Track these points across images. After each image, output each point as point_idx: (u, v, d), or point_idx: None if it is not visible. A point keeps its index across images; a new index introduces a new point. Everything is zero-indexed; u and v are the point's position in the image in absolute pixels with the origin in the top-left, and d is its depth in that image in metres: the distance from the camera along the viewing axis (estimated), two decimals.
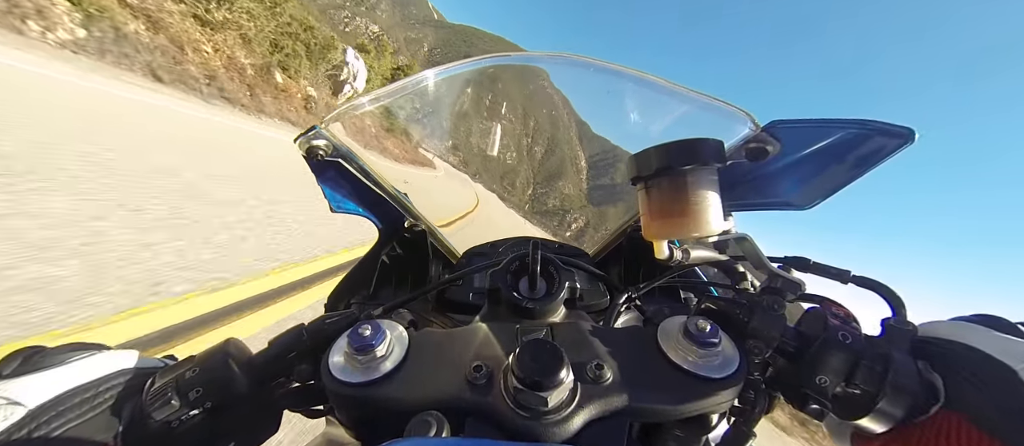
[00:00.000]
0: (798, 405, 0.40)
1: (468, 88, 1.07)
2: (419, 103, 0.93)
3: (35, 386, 0.33)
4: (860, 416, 0.38)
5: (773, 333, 0.42)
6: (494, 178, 30.76)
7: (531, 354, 0.33)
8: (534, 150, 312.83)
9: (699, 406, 0.35)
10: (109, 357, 0.38)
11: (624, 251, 0.96)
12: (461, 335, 0.42)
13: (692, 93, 0.64)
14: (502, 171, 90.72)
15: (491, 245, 1.06)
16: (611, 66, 0.70)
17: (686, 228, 0.43)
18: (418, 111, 1.08)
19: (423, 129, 1.55)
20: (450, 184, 9.16)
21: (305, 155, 0.68)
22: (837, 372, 0.38)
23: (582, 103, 1.15)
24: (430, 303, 0.89)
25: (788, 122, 0.54)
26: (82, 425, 0.32)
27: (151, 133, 5.03)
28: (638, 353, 0.39)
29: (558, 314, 0.48)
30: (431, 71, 0.72)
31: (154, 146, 4.45)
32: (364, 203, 0.88)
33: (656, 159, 0.42)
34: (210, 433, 0.36)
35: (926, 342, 0.39)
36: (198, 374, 0.37)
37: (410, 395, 0.35)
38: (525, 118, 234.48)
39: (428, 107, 1.04)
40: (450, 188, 8.67)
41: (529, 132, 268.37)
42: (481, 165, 11.76)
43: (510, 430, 0.31)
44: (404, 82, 0.70)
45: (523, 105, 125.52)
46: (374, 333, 0.37)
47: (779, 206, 0.64)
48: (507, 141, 71.70)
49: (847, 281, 0.48)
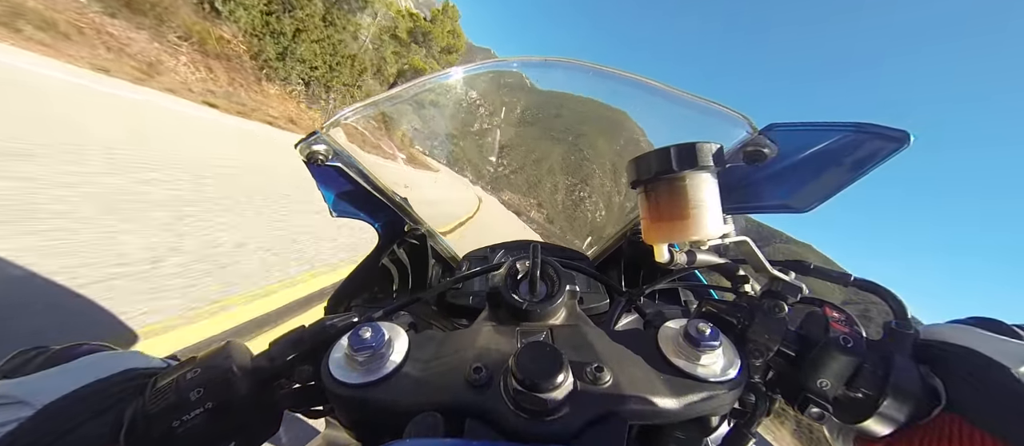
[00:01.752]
0: (799, 408, 0.40)
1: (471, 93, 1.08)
2: (425, 107, 0.94)
3: (40, 386, 0.33)
4: (862, 419, 0.38)
5: (774, 336, 0.42)
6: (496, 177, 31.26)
7: (531, 356, 0.33)
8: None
9: (699, 409, 0.35)
10: (113, 357, 0.39)
11: (624, 254, 0.97)
12: (461, 337, 0.42)
13: (690, 97, 0.65)
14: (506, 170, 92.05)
15: (491, 248, 1.06)
16: (611, 71, 0.70)
17: (686, 231, 0.44)
18: (426, 114, 1.09)
19: (427, 132, 1.55)
20: (452, 184, 9.21)
21: (305, 160, 0.68)
22: (838, 375, 0.38)
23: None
24: (430, 306, 0.89)
25: (785, 125, 0.55)
26: (87, 425, 0.32)
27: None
28: (638, 355, 0.39)
29: (558, 317, 0.48)
30: (429, 77, 0.72)
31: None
32: (364, 207, 0.89)
33: (655, 163, 0.43)
34: (211, 433, 0.36)
35: (927, 345, 0.39)
36: (199, 375, 0.37)
37: (410, 396, 0.35)
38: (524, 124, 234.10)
39: (435, 112, 1.05)
40: (452, 187, 8.73)
41: None
42: (478, 167, 11.75)
43: (509, 431, 0.31)
44: (400, 90, 0.71)
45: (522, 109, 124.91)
46: (374, 335, 0.38)
47: (777, 209, 0.64)
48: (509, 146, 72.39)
49: (848, 284, 0.48)
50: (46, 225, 2.31)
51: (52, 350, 0.38)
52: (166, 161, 3.99)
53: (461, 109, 1.54)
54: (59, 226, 2.35)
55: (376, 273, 0.94)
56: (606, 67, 0.69)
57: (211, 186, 4.01)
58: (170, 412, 0.34)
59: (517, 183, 65.35)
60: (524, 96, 1.82)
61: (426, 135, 1.61)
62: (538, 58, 0.73)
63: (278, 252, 3.43)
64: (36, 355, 0.37)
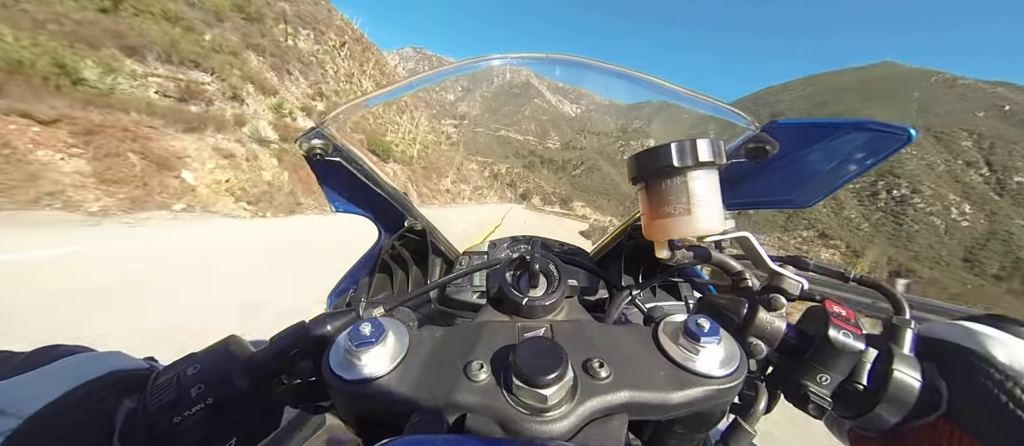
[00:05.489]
0: (799, 403, 0.41)
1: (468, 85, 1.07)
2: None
3: (21, 393, 0.31)
4: (860, 415, 0.38)
5: (774, 331, 0.42)
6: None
7: (531, 351, 0.33)
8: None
9: (699, 403, 0.36)
10: (95, 359, 0.37)
11: (625, 250, 0.97)
12: (461, 332, 0.43)
13: (693, 94, 0.64)
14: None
15: (491, 244, 1.06)
16: (615, 68, 0.70)
17: (686, 227, 0.44)
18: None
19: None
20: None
21: (305, 155, 0.68)
22: (838, 371, 0.38)
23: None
24: (431, 301, 0.90)
25: (786, 123, 0.55)
26: (80, 430, 0.32)
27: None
28: (638, 351, 0.39)
29: (558, 312, 0.48)
30: (430, 73, 0.72)
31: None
32: (364, 203, 0.89)
33: (657, 159, 0.43)
34: (211, 429, 0.36)
35: (928, 343, 0.39)
36: (199, 371, 0.37)
37: (410, 392, 0.35)
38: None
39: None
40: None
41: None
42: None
43: (509, 427, 0.32)
44: (400, 85, 0.71)
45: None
46: (375, 331, 0.38)
47: (779, 205, 0.64)
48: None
49: (848, 280, 0.48)
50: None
51: (23, 353, 0.36)
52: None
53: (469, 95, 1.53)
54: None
55: (376, 269, 0.94)
56: (614, 65, 0.68)
57: None
58: (171, 409, 0.34)
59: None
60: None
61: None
62: (541, 55, 0.72)
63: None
64: (5, 360, 0.35)
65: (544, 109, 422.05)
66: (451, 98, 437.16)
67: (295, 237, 8.78)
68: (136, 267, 4.74)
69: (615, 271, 0.99)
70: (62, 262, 4.54)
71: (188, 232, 7.54)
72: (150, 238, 6.54)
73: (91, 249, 5.29)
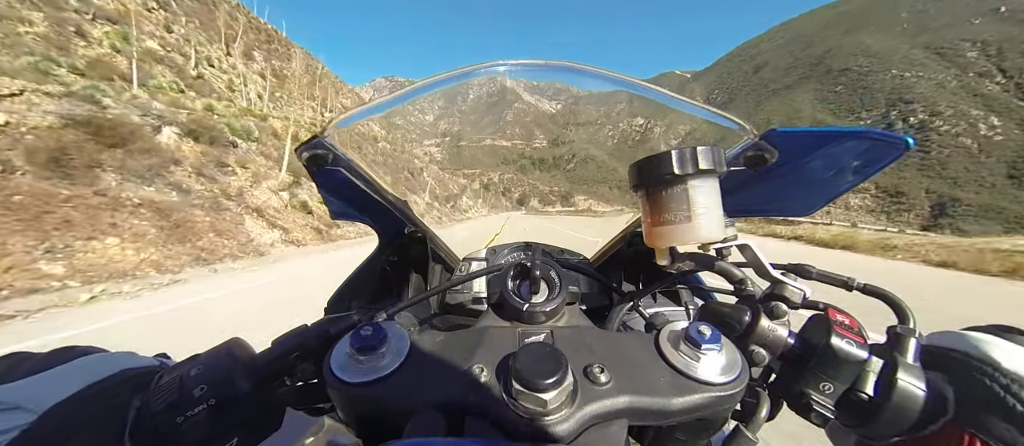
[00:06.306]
0: (801, 412, 0.40)
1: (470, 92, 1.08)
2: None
3: (37, 391, 0.32)
4: (864, 424, 0.37)
5: (776, 339, 0.42)
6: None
7: (531, 356, 0.33)
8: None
9: (700, 410, 0.35)
10: (107, 358, 0.38)
11: (626, 257, 0.97)
12: (462, 337, 0.43)
13: (692, 104, 0.65)
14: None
15: (491, 250, 1.06)
16: (617, 76, 0.70)
17: (687, 235, 0.44)
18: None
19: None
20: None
21: (306, 163, 0.69)
22: (841, 379, 0.38)
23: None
24: (431, 307, 0.90)
25: (786, 131, 0.55)
26: (91, 427, 0.32)
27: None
28: (639, 356, 0.39)
29: (559, 318, 0.49)
30: (431, 79, 0.72)
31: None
32: (365, 210, 0.89)
33: (657, 167, 0.43)
34: (213, 430, 0.36)
35: (933, 352, 0.38)
36: (202, 372, 0.37)
37: (410, 395, 0.35)
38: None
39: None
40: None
41: None
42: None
43: (509, 431, 0.32)
44: (401, 93, 0.71)
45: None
46: (375, 334, 0.38)
47: (779, 212, 0.65)
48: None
49: (852, 288, 0.48)
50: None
51: (40, 354, 0.37)
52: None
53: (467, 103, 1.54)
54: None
55: (377, 274, 0.94)
56: (616, 73, 0.69)
57: None
58: (173, 409, 0.34)
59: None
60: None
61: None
62: (540, 61, 0.73)
63: None
64: (23, 360, 0.36)
65: (525, 111, 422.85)
66: (430, 119, 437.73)
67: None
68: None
69: (616, 277, 0.99)
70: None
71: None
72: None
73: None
